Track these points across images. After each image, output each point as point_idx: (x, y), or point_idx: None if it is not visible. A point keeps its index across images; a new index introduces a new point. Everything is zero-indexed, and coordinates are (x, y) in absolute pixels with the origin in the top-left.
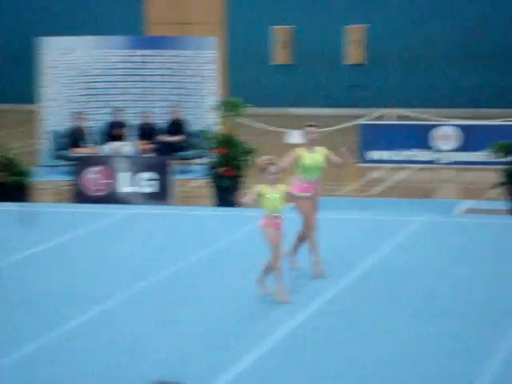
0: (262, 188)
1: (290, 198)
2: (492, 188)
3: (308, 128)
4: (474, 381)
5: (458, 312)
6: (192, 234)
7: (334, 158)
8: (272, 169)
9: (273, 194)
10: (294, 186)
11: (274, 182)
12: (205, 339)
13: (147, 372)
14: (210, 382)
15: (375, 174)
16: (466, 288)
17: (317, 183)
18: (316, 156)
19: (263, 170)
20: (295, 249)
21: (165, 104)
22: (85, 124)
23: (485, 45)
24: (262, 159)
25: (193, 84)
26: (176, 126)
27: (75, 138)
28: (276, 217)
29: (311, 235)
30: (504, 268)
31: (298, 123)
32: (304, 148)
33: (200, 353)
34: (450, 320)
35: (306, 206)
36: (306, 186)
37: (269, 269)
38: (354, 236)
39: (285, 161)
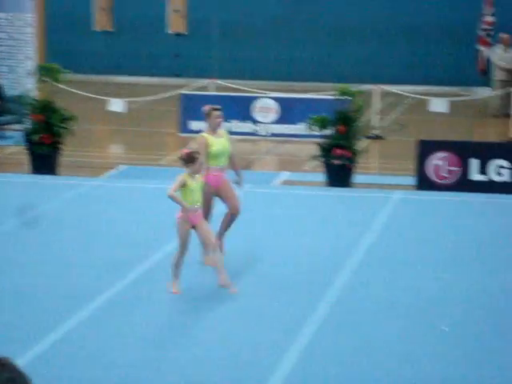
0: (186, 178)
1: (205, 188)
2: (309, 161)
3: (214, 112)
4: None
5: (271, 278)
6: (7, 201)
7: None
8: (198, 157)
9: (194, 185)
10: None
11: (196, 173)
12: (24, 309)
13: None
14: None
15: (195, 145)
16: (273, 255)
17: (224, 169)
18: (223, 141)
19: (191, 160)
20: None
21: None
22: None
23: (304, 18)
24: (185, 150)
25: (8, 47)
26: None
27: None
28: (195, 209)
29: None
30: (316, 236)
31: (119, 91)
32: (209, 134)
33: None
34: (262, 286)
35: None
36: (215, 174)
37: (177, 263)
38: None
39: (199, 151)
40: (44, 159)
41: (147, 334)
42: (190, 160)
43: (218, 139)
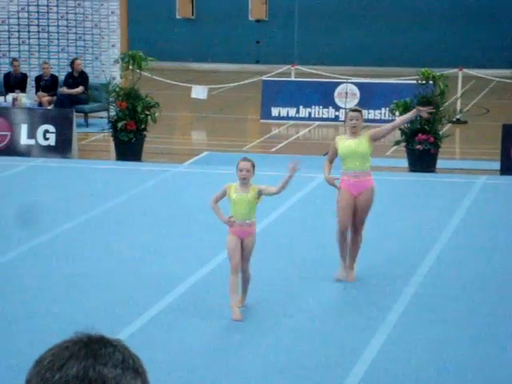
0: (229, 189)
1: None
2: (392, 146)
3: (350, 113)
4: None
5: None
6: (93, 187)
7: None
8: (242, 164)
9: (239, 197)
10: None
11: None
12: (107, 295)
13: (49, 325)
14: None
15: (277, 131)
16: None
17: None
18: (358, 142)
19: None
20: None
21: (65, 56)
22: None
23: (386, 3)
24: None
25: (93, 36)
26: (76, 79)
27: None
28: (242, 224)
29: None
30: (400, 222)
31: (200, 78)
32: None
33: (105, 307)
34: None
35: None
36: (348, 180)
37: (232, 287)
38: None
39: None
40: (128, 146)
41: (225, 317)
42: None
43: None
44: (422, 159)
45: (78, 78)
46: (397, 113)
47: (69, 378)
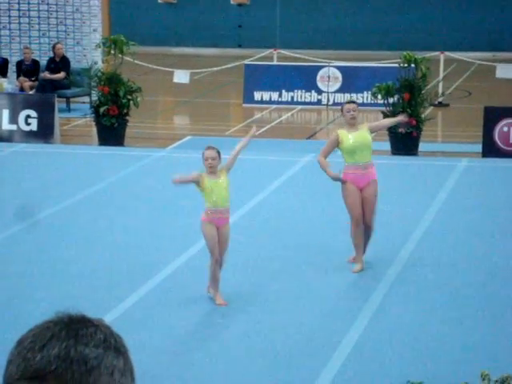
0: (200, 177)
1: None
2: None
3: (347, 105)
4: None
5: (336, 246)
6: (75, 173)
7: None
8: (207, 153)
9: (213, 181)
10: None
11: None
12: (90, 280)
13: (33, 310)
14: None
15: (260, 115)
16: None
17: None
18: (362, 134)
19: None
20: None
21: (46, 40)
22: None
23: None
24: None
25: (74, 20)
26: (58, 64)
27: None
28: (221, 212)
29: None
30: (382, 205)
31: (183, 62)
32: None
33: (88, 292)
34: (329, 253)
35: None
36: (355, 172)
37: (213, 275)
38: (240, 176)
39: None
40: (111, 131)
41: (209, 302)
42: None
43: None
44: (405, 142)
45: (59, 62)
46: (379, 96)
47: (50, 359)
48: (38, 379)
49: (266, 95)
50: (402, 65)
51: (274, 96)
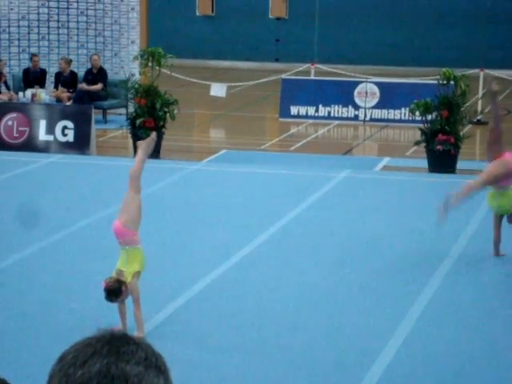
0: None
1: None
2: (412, 146)
3: None
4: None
5: (373, 265)
6: (110, 185)
7: None
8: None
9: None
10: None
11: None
12: None
13: (67, 321)
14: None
15: (296, 129)
16: (383, 241)
17: None
18: None
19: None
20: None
21: (84, 52)
22: (2, 70)
23: (406, 3)
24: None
25: (112, 32)
26: (95, 75)
27: None
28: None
29: None
30: (420, 222)
31: (219, 76)
32: None
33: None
34: (365, 273)
35: None
36: None
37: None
38: (276, 191)
39: None
40: None
41: (242, 316)
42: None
43: None
44: (442, 160)
45: (96, 74)
46: (417, 113)
47: (91, 375)
48: None
49: (302, 110)
50: (440, 81)
51: (311, 111)
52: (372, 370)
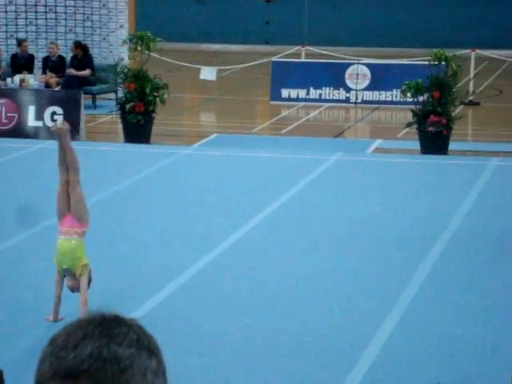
0: None
1: None
2: (403, 128)
3: None
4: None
5: (366, 248)
6: (100, 170)
7: None
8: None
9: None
10: None
11: None
12: (113, 278)
13: (64, 309)
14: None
15: (287, 112)
16: (376, 223)
17: None
18: None
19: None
20: None
21: (72, 37)
22: None
23: None
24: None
25: (101, 16)
26: (83, 60)
27: None
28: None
29: None
30: (412, 203)
31: (209, 59)
32: None
33: (109, 291)
34: (358, 255)
35: None
36: None
37: None
38: (267, 174)
39: None
40: (137, 128)
41: (235, 301)
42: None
43: None
44: (434, 141)
45: (81, 59)
46: (408, 94)
47: (83, 358)
48: (70, 378)
49: (293, 92)
50: (432, 62)
51: (302, 93)
52: (367, 351)
